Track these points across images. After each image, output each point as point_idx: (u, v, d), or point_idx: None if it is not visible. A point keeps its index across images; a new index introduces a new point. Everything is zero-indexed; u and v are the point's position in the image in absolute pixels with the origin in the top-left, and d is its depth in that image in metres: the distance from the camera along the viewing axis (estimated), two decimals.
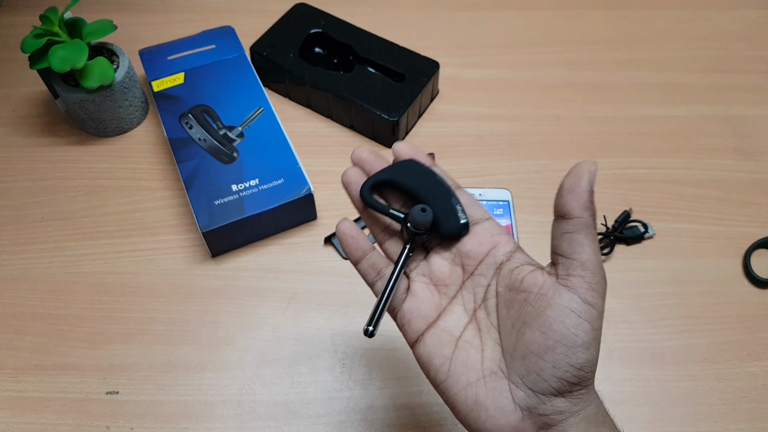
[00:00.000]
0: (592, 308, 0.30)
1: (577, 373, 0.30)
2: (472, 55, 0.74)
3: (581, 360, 0.30)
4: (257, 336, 0.54)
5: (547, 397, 0.30)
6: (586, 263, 0.31)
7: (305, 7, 0.71)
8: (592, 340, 0.30)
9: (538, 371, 0.30)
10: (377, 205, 0.37)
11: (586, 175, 0.31)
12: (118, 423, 0.49)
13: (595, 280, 0.31)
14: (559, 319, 0.30)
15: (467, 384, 0.32)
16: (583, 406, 0.31)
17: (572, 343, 0.30)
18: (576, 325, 0.30)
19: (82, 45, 0.58)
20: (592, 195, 0.31)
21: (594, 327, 0.30)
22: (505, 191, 0.61)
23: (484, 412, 0.31)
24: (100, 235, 0.59)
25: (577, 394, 0.31)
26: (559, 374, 0.30)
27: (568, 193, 0.31)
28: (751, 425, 0.49)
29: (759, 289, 0.57)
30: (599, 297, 0.31)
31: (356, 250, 0.36)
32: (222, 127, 0.61)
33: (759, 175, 0.64)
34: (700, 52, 0.75)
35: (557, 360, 0.30)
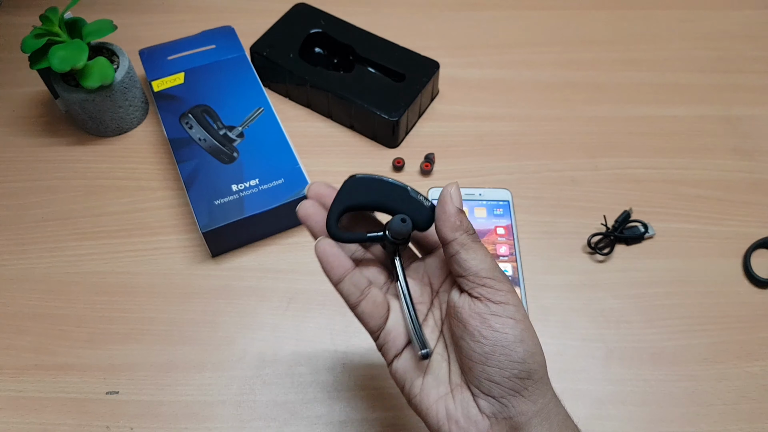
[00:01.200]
0: (506, 305, 0.32)
1: (522, 367, 0.31)
2: (472, 55, 0.74)
3: (521, 353, 0.32)
4: (257, 336, 0.54)
5: (506, 399, 0.32)
6: (479, 273, 0.33)
7: (305, 7, 0.71)
8: (523, 331, 0.32)
9: (487, 377, 0.32)
10: (352, 237, 0.37)
11: (448, 199, 0.34)
12: (118, 423, 0.49)
13: (495, 282, 0.33)
14: (485, 325, 0.32)
15: (438, 398, 0.34)
16: (542, 404, 0.32)
17: (506, 342, 0.31)
18: (501, 324, 0.32)
19: (82, 45, 0.58)
20: (459, 214, 0.34)
21: (517, 319, 0.32)
22: (505, 191, 0.61)
23: (455, 425, 0.33)
24: (100, 235, 0.59)
25: (531, 389, 0.32)
26: (507, 374, 0.31)
27: (439, 221, 0.34)
28: (751, 425, 0.49)
29: (759, 289, 0.57)
30: (507, 293, 0.33)
31: (338, 268, 0.36)
32: (222, 127, 0.61)
33: (759, 175, 0.64)
34: (700, 52, 0.75)
35: (500, 361, 0.31)
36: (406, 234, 0.35)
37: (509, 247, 0.58)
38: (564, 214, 0.61)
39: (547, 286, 0.57)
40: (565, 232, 0.60)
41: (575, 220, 0.60)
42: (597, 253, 0.58)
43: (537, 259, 0.58)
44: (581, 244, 0.59)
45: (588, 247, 0.58)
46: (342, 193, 0.36)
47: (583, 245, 0.59)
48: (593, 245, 0.58)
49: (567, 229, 0.60)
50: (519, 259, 0.57)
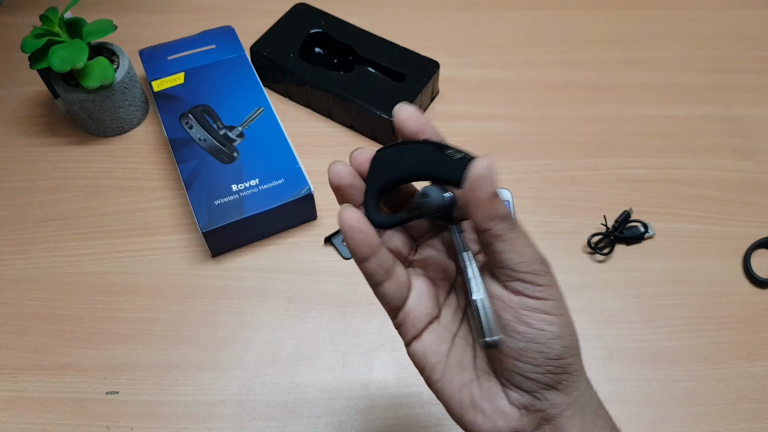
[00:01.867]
0: (545, 301, 0.29)
1: (558, 364, 0.29)
2: (472, 55, 0.74)
3: (557, 351, 0.29)
4: (257, 336, 0.54)
5: (539, 393, 0.30)
6: (516, 267, 0.29)
7: (305, 7, 0.71)
8: (561, 328, 0.29)
9: (519, 372, 0.30)
10: (394, 221, 0.32)
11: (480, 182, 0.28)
12: (118, 423, 0.49)
13: (534, 276, 0.29)
14: (519, 320, 0.29)
15: (462, 384, 0.32)
16: (577, 395, 0.30)
17: (542, 339, 0.29)
18: (538, 320, 0.29)
19: (82, 45, 0.58)
20: (493, 200, 0.28)
21: (557, 314, 0.29)
22: (505, 191, 0.61)
23: (482, 415, 0.31)
24: (100, 235, 0.59)
25: (566, 383, 0.30)
26: (541, 370, 0.29)
27: (469, 206, 0.29)
28: (751, 425, 0.49)
29: (759, 289, 0.57)
30: (546, 288, 0.29)
31: (365, 247, 0.31)
32: (222, 127, 0.61)
33: (759, 175, 0.64)
34: (700, 52, 0.75)
35: (534, 359, 0.29)
36: (437, 208, 0.30)
37: None
38: (564, 214, 0.61)
39: None
40: (565, 232, 0.60)
41: (575, 220, 0.60)
42: (597, 253, 0.58)
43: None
44: (581, 244, 0.59)
45: (588, 247, 0.58)
46: (372, 175, 0.32)
47: (583, 245, 0.59)
48: (593, 245, 0.58)
49: (567, 229, 0.60)
50: None
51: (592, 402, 0.31)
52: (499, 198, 0.29)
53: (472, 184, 0.28)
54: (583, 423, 0.30)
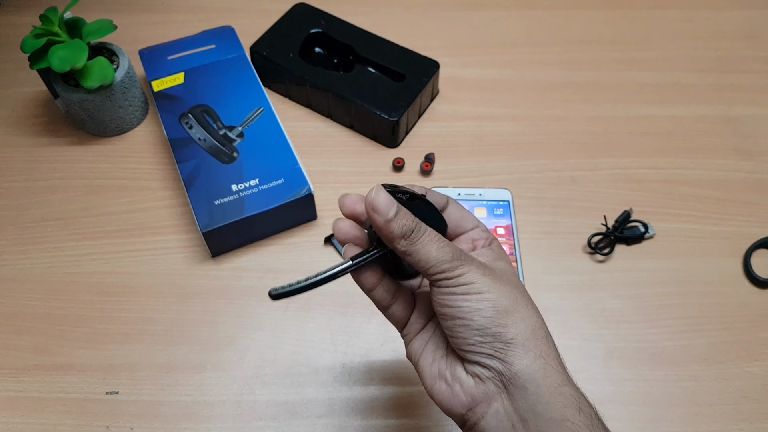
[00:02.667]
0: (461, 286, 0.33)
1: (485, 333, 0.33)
2: (472, 55, 0.74)
3: (479, 322, 0.33)
4: (257, 336, 0.54)
5: (483, 362, 0.33)
6: (428, 270, 0.33)
7: (305, 7, 0.71)
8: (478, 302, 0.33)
9: (458, 346, 0.34)
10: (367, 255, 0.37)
11: (371, 212, 0.34)
12: (118, 423, 0.49)
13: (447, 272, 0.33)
14: (442, 305, 0.34)
15: (433, 360, 0.36)
16: (520, 365, 0.32)
17: (460, 314, 0.33)
18: (455, 300, 0.33)
19: (81, 45, 0.58)
20: (387, 225, 0.33)
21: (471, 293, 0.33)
22: (505, 191, 0.61)
23: (444, 383, 0.35)
24: (99, 235, 0.59)
25: (504, 351, 0.33)
26: (471, 341, 0.33)
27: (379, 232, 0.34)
28: (751, 425, 0.49)
29: (759, 289, 0.57)
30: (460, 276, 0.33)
31: (371, 277, 0.37)
32: (222, 127, 0.61)
33: (759, 175, 0.64)
34: (700, 52, 0.75)
35: (461, 332, 0.33)
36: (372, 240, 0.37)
37: (509, 247, 0.58)
38: (564, 214, 0.61)
39: (548, 286, 0.57)
40: (566, 232, 0.60)
41: (575, 220, 0.60)
42: (597, 253, 0.58)
43: (537, 259, 0.58)
44: (581, 244, 0.59)
45: (588, 247, 0.58)
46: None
47: (584, 245, 0.59)
48: (593, 245, 0.58)
49: (567, 229, 0.60)
50: (519, 259, 0.57)
51: (549, 377, 0.33)
52: (393, 221, 0.33)
53: (368, 215, 0.34)
54: (538, 396, 0.32)
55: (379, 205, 0.33)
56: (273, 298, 0.36)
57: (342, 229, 0.37)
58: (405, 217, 0.34)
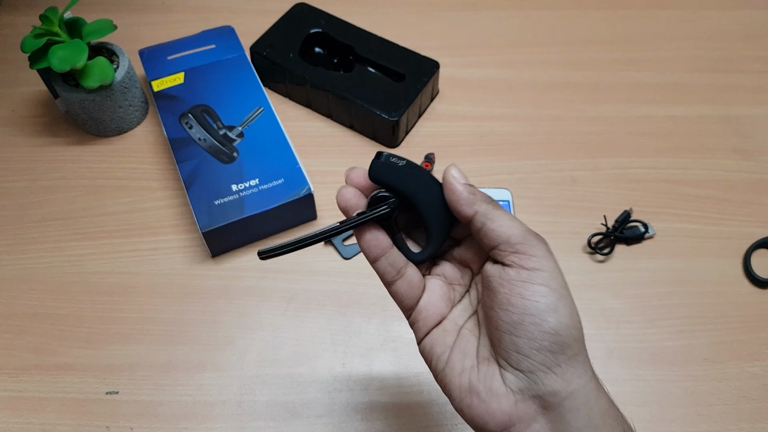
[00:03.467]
0: (540, 271, 0.30)
1: (554, 339, 0.29)
2: (472, 55, 0.74)
3: (552, 324, 0.29)
4: (257, 336, 0.54)
5: (536, 375, 0.30)
6: (509, 239, 0.31)
7: (305, 7, 0.71)
8: (557, 301, 0.30)
9: (516, 349, 0.30)
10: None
11: (452, 180, 0.33)
12: (117, 423, 0.49)
13: (528, 247, 0.31)
14: (514, 292, 0.30)
15: (462, 370, 0.32)
16: (579, 385, 0.30)
17: (536, 311, 0.29)
18: (532, 292, 0.30)
19: (81, 45, 0.58)
20: (469, 189, 0.32)
21: (552, 287, 0.30)
22: (505, 191, 0.61)
23: (477, 398, 0.31)
24: (100, 235, 0.59)
25: (565, 367, 0.29)
26: (536, 345, 0.29)
27: (453, 204, 0.33)
28: (751, 425, 0.49)
29: (759, 289, 0.57)
30: (541, 258, 0.31)
31: (375, 247, 0.34)
32: (222, 127, 0.61)
33: (759, 175, 0.64)
34: (700, 52, 0.75)
35: (529, 331, 0.29)
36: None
37: None
38: (564, 214, 0.61)
39: None
40: (566, 232, 0.60)
41: (575, 220, 0.60)
42: (597, 253, 0.58)
43: None
44: (581, 244, 0.59)
45: (588, 247, 0.58)
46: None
47: (584, 245, 0.59)
48: (593, 245, 0.58)
49: (567, 229, 0.60)
50: None
51: (601, 398, 0.30)
52: (473, 186, 0.32)
53: (448, 183, 0.33)
54: (590, 419, 0.29)
55: (459, 175, 0.33)
56: (261, 257, 0.34)
57: (345, 195, 0.34)
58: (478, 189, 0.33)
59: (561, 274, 0.31)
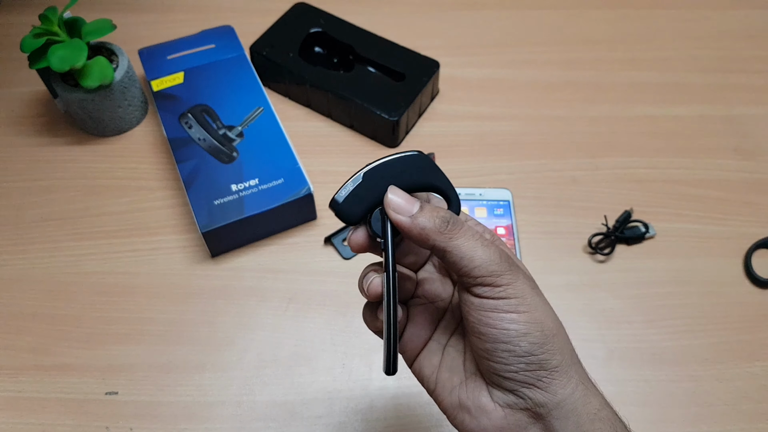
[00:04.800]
0: (506, 300, 0.29)
1: (529, 360, 0.29)
2: (472, 55, 0.74)
3: (525, 347, 0.29)
4: (257, 336, 0.54)
5: (520, 392, 0.30)
6: (471, 273, 0.29)
7: (305, 7, 0.71)
8: (526, 325, 0.29)
9: (494, 371, 0.30)
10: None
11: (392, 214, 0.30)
12: (117, 423, 0.49)
13: (493, 278, 0.29)
14: (482, 322, 0.29)
15: (452, 388, 0.32)
16: (565, 395, 0.29)
17: (506, 338, 0.29)
18: (499, 320, 0.29)
19: (81, 44, 0.57)
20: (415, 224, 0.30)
21: (521, 311, 0.29)
22: (505, 191, 0.61)
23: (468, 414, 0.31)
24: (99, 235, 0.59)
25: (547, 381, 0.29)
26: (513, 368, 0.29)
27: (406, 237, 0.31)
28: (751, 425, 0.49)
29: (760, 289, 0.56)
30: (506, 287, 0.29)
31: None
32: (221, 127, 0.60)
33: (759, 175, 0.64)
34: (700, 52, 0.75)
35: (503, 357, 0.29)
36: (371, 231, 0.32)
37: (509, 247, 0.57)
38: (564, 214, 0.61)
39: (548, 286, 0.56)
40: (566, 232, 0.60)
41: (576, 220, 0.60)
42: (598, 253, 0.58)
43: (537, 259, 0.58)
44: (582, 244, 0.59)
45: (589, 247, 0.58)
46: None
47: (584, 245, 0.59)
48: (594, 245, 0.58)
49: (567, 229, 0.60)
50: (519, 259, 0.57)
51: (589, 403, 0.30)
52: (419, 215, 0.30)
53: (391, 218, 0.30)
54: (579, 425, 0.29)
55: (399, 204, 0.30)
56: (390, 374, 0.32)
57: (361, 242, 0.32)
58: (433, 210, 0.30)
59: (531, 290, 0.30)
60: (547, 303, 0.31)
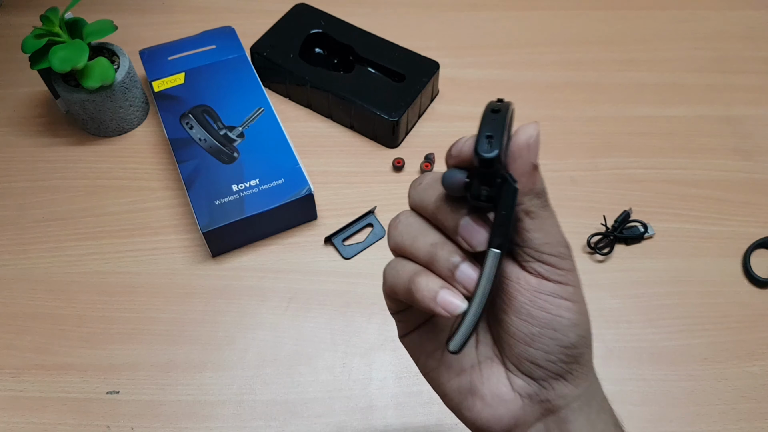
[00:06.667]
0: (565, 286, 0.28)
1: (571, 353, 0.28)
2: (472, 55, 0.74)
3: (572, 339, 0.28)
4: (257, 336, 0.54)
5: (547, 382, 0.29)
6: (540, 248, 0.27)
7: (305, 8, 0.71)
8: (578, 315, 0.28)
9: (529, 359, 0.28)
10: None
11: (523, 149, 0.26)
12: (118, 423, 0.49)
13: (557, 259, 0.28)
14: (536, 305, 0.28)
15: (461, 370, 0.30)
16: (585, 387, 0.29)
17: (559, 326, 0.27)
18: (556, 306, 0.27)
19: (82, 45, 0.58)
20: (533, 173, 0.26)
21: (575, 301, 0.28)
22: None
23: (480, 401, 0.30)
24: (100, 235, 0.59)
25: (576, 374, 0.29)
26: (553, 358, 0.28)
27: (516, 159, 0.26)
28: (751, 425, 0.50)
29: (759, 289, 0.57)
30: (567, 272, 0.28)
31: None
32: (222, 127, 0.61)
33: (759, 175, 0.64)
34: (699, 52, 0.75)
35: (546, 345, 0.28)
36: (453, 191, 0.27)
37: None
38: (564, 214, 0.60)
39: None
40: (565, 232, 0.59)
41: (575, 220, 0.60)
42: (597, 253, 0.58)
43: None
44: (581, 244, 0.59)
45: (588, 247, 0.58)
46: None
47: (583, 245, 0.59)
48: (593, 245, 0.58)
49: (566, 229, 0.59)
50: None
51: (598, 395, 0.30)
52: (539, 172, 0.26)
53: (514, 152, 0.26)
54: (588, 417, 0.29)
55: (537, 145, 0.26)
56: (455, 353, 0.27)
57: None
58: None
59: (581, 284, 0.29)
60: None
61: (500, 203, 0.26)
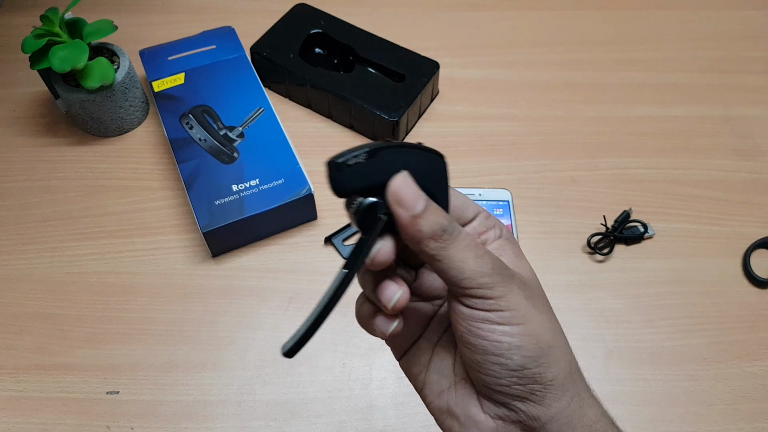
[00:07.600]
0: (498, 312, 0.27)
1: (522, 374, 0.27)
2: (472, 55, 0.74)
3: (518, 362, 0.27)
4: (257, 336, 0.54)
5: (512, 405, 0.28)
6: (460, 283, 0.27)
7: (305, 8, 0.71)
8: (520, 338, 0.27)
9: (484, 384, 0.28)
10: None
11: (395, 205, 0.27)
12: (118, 423, 0.49)
13: (483, 290, 0.27)
14: (472, 333, 0.28)
15: (440, 391, 0.31)
16: (560, 408, 0.28)
17: (499, 351, 0.27)
18: (492, 332, 0.27)
19: (82, 45, 0.58)
20: (413, 223, 0.27)
21: (515, 323, 0.27)
22: (505, 191, 0.61)
23: (457, 422, 0.30)
24: (100, 235, 0.59)
25: (541, 394, 0.28)
26: (504, 382, 0.28)
27: (400, 230, 0.27)
28: (750, 425, 0.50)
29: (758, 289, 0.57)
30: (499, 299, 0.27)
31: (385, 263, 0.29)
32: (222, 128, 0.61)
33: (759, 175, 0.64)
34: (699, 52, 0.75)
35: (494, 371, 0.28)
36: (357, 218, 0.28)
37: None
38: (564, 214, 0.61)
39: (547, 286, 0.56)
40: (565, 232, 0.60)
41: (575, 220, 0.60)
42: (597, 253, 0.58)
43: (537, 259, 0.57)
44: (581, 244, 0.59)
45: (588, 247, 0.58)
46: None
47: (583, 245, 0.59)
48: (593, 245, 0.58)
49: (567, 229, 0.60)
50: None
51: (585, 415, 0.29)
52: (421, 217, 0.27)
53: (391, 206, 0.27)
54: None
55: (406, 196, 0.26)
56: (289, 356, 0.29)
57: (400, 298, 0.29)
58: (436, 212, 0.27)
59: (526, 300, 0.28)
60: (545, 313, 0.29)
61: (370, 230, 0.28)
